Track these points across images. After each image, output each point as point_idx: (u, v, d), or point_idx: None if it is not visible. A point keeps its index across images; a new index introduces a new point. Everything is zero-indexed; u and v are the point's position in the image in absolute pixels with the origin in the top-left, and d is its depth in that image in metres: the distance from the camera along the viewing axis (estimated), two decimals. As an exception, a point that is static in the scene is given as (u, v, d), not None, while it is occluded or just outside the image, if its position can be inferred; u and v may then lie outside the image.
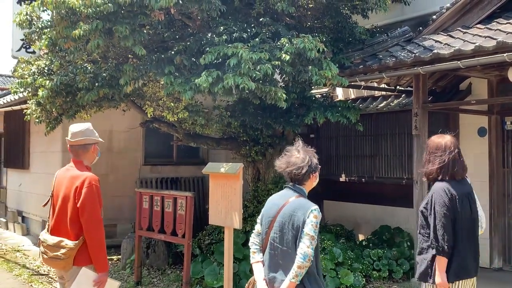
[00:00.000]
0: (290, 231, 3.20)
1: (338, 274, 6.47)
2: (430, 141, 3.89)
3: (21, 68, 7.90)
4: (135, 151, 10.74)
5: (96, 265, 3.99)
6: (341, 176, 9.64)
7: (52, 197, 4.30)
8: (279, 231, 3.24)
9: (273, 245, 3.26)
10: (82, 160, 4.26)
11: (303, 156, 3.34)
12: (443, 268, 3.57)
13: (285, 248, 3.21)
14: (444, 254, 3.54)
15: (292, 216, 3.21)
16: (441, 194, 3.59)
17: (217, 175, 6.13)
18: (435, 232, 3.56)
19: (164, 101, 6.84)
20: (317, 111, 7.01)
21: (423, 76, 6.79)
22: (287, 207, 3.26)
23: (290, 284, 3.14)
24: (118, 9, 5.80)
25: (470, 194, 3.76)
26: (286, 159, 3.39)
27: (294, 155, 3.38)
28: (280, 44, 6.00)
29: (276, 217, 3.27)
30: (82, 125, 4.30)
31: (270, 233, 3.28)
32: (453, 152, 3.73)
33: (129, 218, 10.35)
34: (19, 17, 6.99)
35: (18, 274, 8.27)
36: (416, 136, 6.85)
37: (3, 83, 26.59)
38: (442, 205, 3.56)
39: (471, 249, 3.68)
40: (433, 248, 3.58)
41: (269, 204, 3.40)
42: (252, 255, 3.39)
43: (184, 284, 6.55)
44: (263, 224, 3.37)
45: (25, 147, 11.72)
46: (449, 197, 3.58)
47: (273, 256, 3.27)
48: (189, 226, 6.61)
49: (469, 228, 3.68)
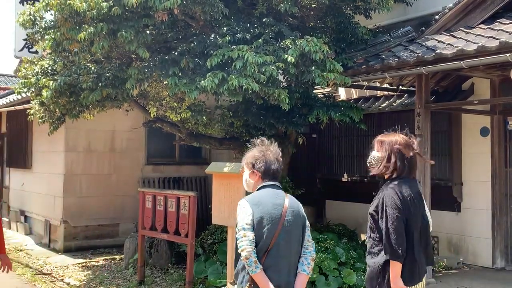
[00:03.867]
0: (297, 229, 3.22)
1: (341, 274, 6.48)
2: (381, 139, 3.59)
3: (25, 68, 7.93)
4: (138, 151, 10.77)
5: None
6: (343, 176, 9.65)
7: None
8: (289, 231, 3.17)
9: (284, 246, 3.14)
10: None
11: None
12: (398, 273, 3.36)
13: (293, 246, 3.20)
14: (398, 259, 3.33)
15: (299, 213, 3.25)
16: (393, 196, 3.37)
17: (221, 175, 6.16)
18: (388, 236, 3.33)
19: (168, 101, 6.86)
20: (320, 110, 7.02)
21: (425, 76, 6.80)
22: (290, 204, 3.23)
23: (306, 278, 3.21)
24: (122, 10, 5.82)
25: (419, 193, 3.57)
26: (276, 152, 3.33)
27: (274, 149, 3.34)
28: (284, 45, 6.03)
29: (284, 217, 3.16)
30: None
31: (279, 235, 3.12)
32: (403, 150, 3.49)
33: (132, 218, 10.39)
34: (23, 17, 7.02)
35: (21, 273, 8.30)
36: (419, 135, 6.85)
37: (5, 82, 26.63)
38: (394, 207, 3.35)
39: (424, 250, 3.52)
40: (387, 253, 3.34)
41: (268, 205, 3.17)
42: (255, 265, 3.06)
43: (187, 283, 6.57)
44: (266, 227, 3.12)
45: (28, 147, 11.75)
46: (401, 198, 3.38)
47: (284, 257, 3.15)
48: (192, 226, 6.63)
49: (422, 229, 3.51)
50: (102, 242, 10.21)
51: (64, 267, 8.71)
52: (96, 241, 10.17)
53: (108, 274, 8.08)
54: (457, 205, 8.07)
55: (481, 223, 7.76)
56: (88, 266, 8.77)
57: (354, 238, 8.22)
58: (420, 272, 3.51)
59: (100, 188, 10.26)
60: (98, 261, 9.08)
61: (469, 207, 7.96)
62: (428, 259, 3.59)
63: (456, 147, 8.07)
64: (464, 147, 8.05)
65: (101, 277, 7.85)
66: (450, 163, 8.11)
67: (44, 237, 10.77)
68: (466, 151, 8.03)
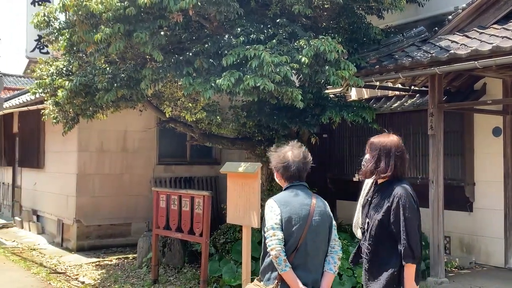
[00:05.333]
0: (324, 228, 3.27)
1: (355, 273, 6.51)
2: (376, 141, 3.57)
3: (40, 68, 8.01)
4: (149, 151, 10.84)
5: None
6: (354, 176, 9.66)
7: None
8: (316, 230, 3.22)
9: (311, 245, 3.20)
10: None
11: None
12: (413, 275, 3.34)
13: (320, 245, 3.25)
14: (416, 261, 3.32)
15: (325, 212, 3.30)
16: (410, 198, 3.34)
17: (235, 175, 6.20)
18: (408, 240, 3.26)
19: (183, 101, 6.91)
20: (333, 110, 7.05)
21: (439, 76, 6.82)
22: (317, 204, 3.28)
23: (332, 277, 3.27)
24: (137, 11, 5.88)
25: None
26: (299, 153, 3.34)
27: (302, 149, 3.38)
28: (298, 45, 6.06)
29: (311, 216, 3.21)
30: None
31: (306, 234, 3.17)
32: (403, 151, 3.55)
33: (143, 217, 10.47)
34: (37, 18, 7.10)
35: (36, 272, 8.37)
36: (432, 136, 6.88)
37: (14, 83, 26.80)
38: (412, 209, 3.32)
39: None
40: (408, 257, 3.27)
41: (295, 204, 3.22)
42: (285, 263, 3.11)
43: (202, 282, 6.62)
44: (295, 227, 3.17)
45: (40, 147, 11.84)
46: (415, 200, 3.39)
47: (311, 256, 3.20)
48: (207, 225, 6.68)
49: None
50: (114, 241, 10.29)
51: (78, 266, 8.78)
52: (109, 240, 10.25)
53: (122, 273, 8.15)
54: (470, 205, 8.07)
55: (493, 223, 7.77)
56: (102, 265, 8.84)
57: (367, 237, 8.22)
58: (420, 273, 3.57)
59: (113, 187, 10.34)
60: (111, 260, 9.15)
61: (481, 207, 7.96)
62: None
63: (468, 147, 8.08)
64: (477, 147, 8.05)
65: (115, 276, 7.92)
66: (463, 163, 8.11)
67: (56, 237, 10.86)
68: (478, 151, 8.03)
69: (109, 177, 10.33)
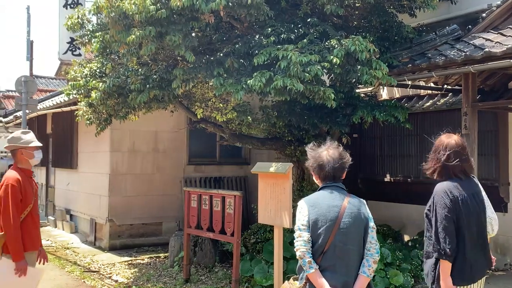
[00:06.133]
0: (356, 231, 3.19)
1: (387, 275, 6.46)
2: (437, 140, 3.68)
3: (73, 70, 8.15)
4: (180, 151, 10.94)
5: (11, 254, 4.52)
6: (386, 176, 9.59)
7: None
8: (346, 232, 3.15)
9: (341, 248, 3.14)
10: (16, 163, 4.81)
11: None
12: (447, 272, 3.42)
13: (351, 248, 3.18)
14: (447, 258, 3.39)
15: (359, 214, 3.22)
16: (442, 195, 3.45)
17: (266, 175, 6.20)
18: (437, 235, 3.41)
19: (213, 102, 6.95)
20: (365, 110, 7.00)
21: (472, 75, 6.70)
22: (349, 206, 3.20)
23: (366, 281, 3.20)
24: (169, 13, 5.94)
25: (477, 194, 3.57)
26: (335, 153, 3.29)
27: (339, 149, 3.34)
28: (329, 45, 6.04)
29: (340, 218, 3.15)
30: (13, 133, 4.89)
31: (334, 236, 3.12)
32: (454, 151, 3.53)
33: (174, 217, 10.59)
34: (71, 20, 7.24)
35: (70, 270, 8.53)
36: (466, 135, 6.75)
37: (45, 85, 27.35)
38: (443, 207, 3.41)
39: (477, 252, 3.51)
40: (435, 252, 3.43)
41: (323, 207, 3.18)
42: (309, 265, 3.12)
43: (234, 281, 6.65)
44: (321, 228, 3.14)
45: (74, 148, 12.05)
46: (451, 198, 3.43)
47: (341, 259, 3.15)
48: (238, 225, 6.70)
49: (476, 231, 3.50)
50: (146, 240, 10.41)
51: (111, 265, 8.91)
52: (141, 240, 10.38)
53: (154, 272, 8.24)
54: (504, 205, 7.91)
55: (529, 224, 7.61)
56: (134, 264, 8.96)
57: (399, 239, 8.16)
58: (473, 273, 3.50)
59: (144, 187, 10.47)
60: (143, 259, 9.26)
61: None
62: (486, 261, 3.59)
63: (503, 146, 7.92)
64: (511, 147, 7.89)
65: (147, 275, 8.01)
66: (497, 163, 7.96)
67: (89, 236, 11.04)
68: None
69: (141, 177, 10.46)
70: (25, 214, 4.64)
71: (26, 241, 4.62)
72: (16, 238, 4.51)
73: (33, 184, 4.88)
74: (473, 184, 3.62)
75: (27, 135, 4.83)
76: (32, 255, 4.76)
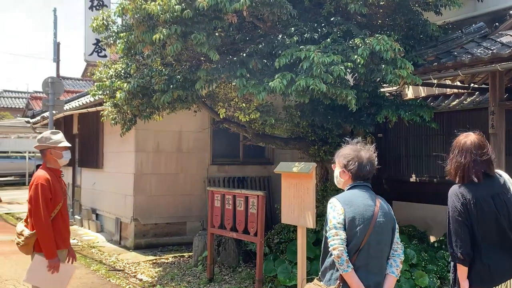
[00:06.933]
0: (387, 231, 3.22)
1: (413, 276, 6.38)
2: (454, 140, 3.61)
3: (99, 71, 8.26)
4: (203, 151, 10.99)
5: (44, 252, 4.63)
6: (411, 176, 9.46)
7: None
8: (380, 232, 3.17)
9: (375, 247, 3.15)
10: (45, 163, 4.91)
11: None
12: (463, 275, 3.41)
13: (383, 247, 3.20)
14: (459, 261, 3.37)
15: (390, 214, 3.25)
16: (453, 199, 3.43)
17: (290, 175, 6.19)
18: (449, 239, 3.42)
19: (236, 102, 6.96)
20: (389, 109, 6.92)
21: (500, 73, 6.57)
22: (381, 206, 3.22)
23: (395, 281, 3.22)
24: (193, 13, 5.97)
25: (500, 195, 3.43)
26: (364, 154, 3.27)
27: (369, 150, 3.32)
28: (353, 44, 5.99)
29: (375, 218, 3.15)
30: (42, 133, 4.98)
31: (370, 235, 3.12)
32: (468, 152, 3.45)
33: (198, 216, 10.64)
34: (96, 22, 7.32)
35: (96, 269, 8.64)
36: (493, 135, 6.64)
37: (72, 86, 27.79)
38: (453, 210, 3.40)
39: (499, 255, 3.40)
40: (451, 255, 3.43)
41: (359, 205, 3.17)
42: (347, 264, 3.08)
43: (257, 281, 6.65)
44: (358, 227, 3.12)
45: (99, 148, 12.21)
46: (462, 201, 3.37)
47: (374, 258, 3.16)
48: (261, 225, 6.70)
49: (497, 233, 3.39)
50: (170, 240, 10.49)
51: (136, 264, 9.00)
52: (165, 239, 10.46)
53: (178, 271, 8.29)
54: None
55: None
56: (158, 263, 9.03)
57: (425, 239, 8.05)
58: (494, 276, 3.42)
59: (168, 187, 10.55)
60: (167, 258, 9.33)
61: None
62: (505, 264, 3.46)
63: (531, 146, 7.75)
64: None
65: (171, 274, 8.06)
66: (526, 163, 7.79)
67: (115, 235, 11.17)
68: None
69: (165, 177, 10.54)
70: (55, 213, 4.72)
71: (57, 239, 4.71)
72: (49, 237, 4.60)
73: (62, 184, 4.97)
74: (495, 184, 3.48)
75: (57, 135, 4.91)
76: (63, 252, 4.85)
